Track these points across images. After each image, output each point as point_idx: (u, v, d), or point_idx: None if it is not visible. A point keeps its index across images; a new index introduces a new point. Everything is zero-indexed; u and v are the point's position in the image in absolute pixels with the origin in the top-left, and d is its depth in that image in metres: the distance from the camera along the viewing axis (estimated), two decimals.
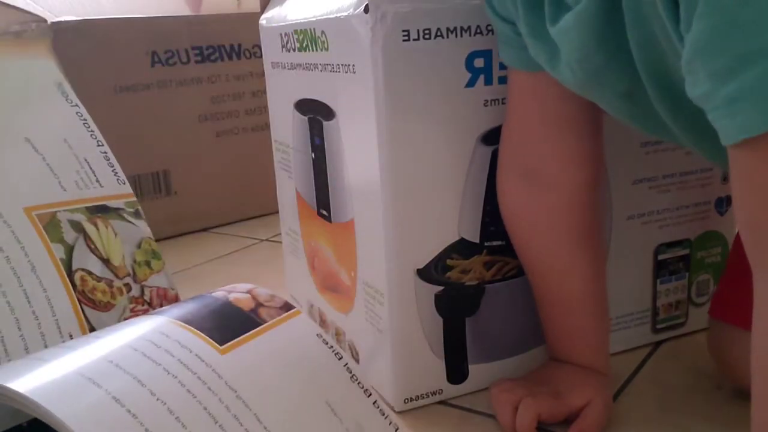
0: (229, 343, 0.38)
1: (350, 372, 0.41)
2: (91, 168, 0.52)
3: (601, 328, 0.59)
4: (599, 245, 0.58)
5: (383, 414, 0.40)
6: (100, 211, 0.50)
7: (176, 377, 0.35)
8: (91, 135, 0.53)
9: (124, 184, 0.53)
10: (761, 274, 0.37)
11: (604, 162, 0.58)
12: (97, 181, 0.52)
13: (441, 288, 0.58)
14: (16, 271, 0.46)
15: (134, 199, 0.53)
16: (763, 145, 0.33)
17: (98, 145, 0.53)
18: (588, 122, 0.55)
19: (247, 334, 0.39)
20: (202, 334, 0.37)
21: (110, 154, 0.53)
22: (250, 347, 0.38)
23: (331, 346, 0.41)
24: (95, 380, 0.34)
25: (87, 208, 0.50)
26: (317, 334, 0.41)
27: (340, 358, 0.41)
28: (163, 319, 0.39)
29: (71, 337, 0.46)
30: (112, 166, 0.53)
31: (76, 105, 0.54)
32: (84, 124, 0.53)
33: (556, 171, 0.55)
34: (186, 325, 0.38)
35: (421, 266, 0.58)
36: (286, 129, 0.74)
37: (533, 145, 0.55)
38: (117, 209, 0.51)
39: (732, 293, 0.56)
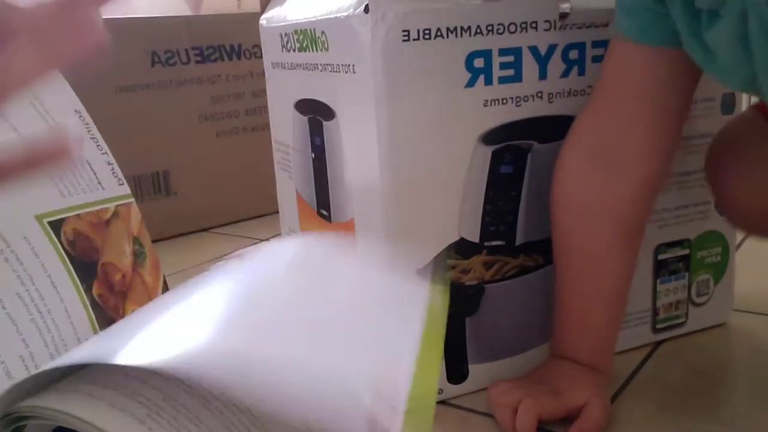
0: None
1: None
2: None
3: (616, 326, 0.59)
4: (638, 246, 0.58)
5: None
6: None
7: None
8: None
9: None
10: None
11: (673, 159, 0.57)
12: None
13: None
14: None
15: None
16: None
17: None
18: (680, 116, 0.55)
19: None
20: None
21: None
22: None
23: None
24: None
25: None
26: None
27: None
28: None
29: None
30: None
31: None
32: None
33: (636, 157, 0.54)
34: None
35: (421, 266, 0.58)
36: (286, 129, 0.74)
37: (620, 127, 0.54)
38: None
39: None
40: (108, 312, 0.49)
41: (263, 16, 0.77)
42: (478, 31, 0.55)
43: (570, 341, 0.59)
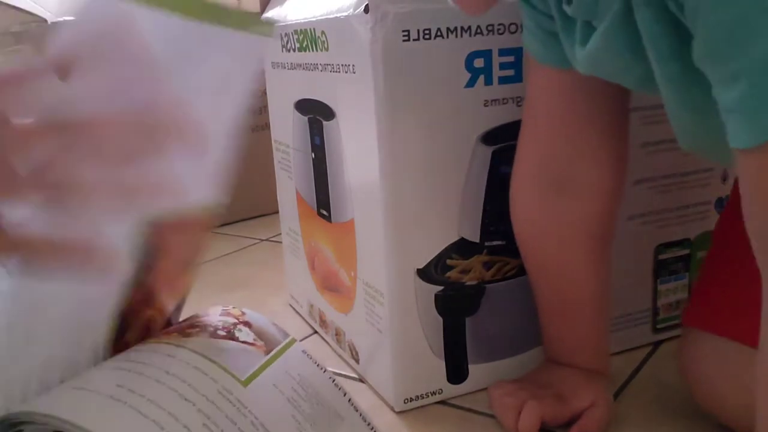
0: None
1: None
2: None
3: (604, 331, 0.59)
4: (611, 250, 0.58)
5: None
6: None
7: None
8: None
9: None
10: None
11: (628, 164, 0.57)
12: None
13: (441, 288, 0.58)
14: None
15: None
16: (757, 153, 0.33)
17: None
18: (618, 123, 0.54)
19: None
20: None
21: None
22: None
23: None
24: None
25: None
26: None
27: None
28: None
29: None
30: None
31: None
32: None
33: (586, 176, 0.54)
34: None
35: (421, 266, 0.58)
36: (286, 129, 0.74)
37: (562, 150, 0.54)
38: None
39: (709, 299, 0.55)
40: None
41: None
42: (478, 31, 0.55)
43: (562, 351, 0.59)
